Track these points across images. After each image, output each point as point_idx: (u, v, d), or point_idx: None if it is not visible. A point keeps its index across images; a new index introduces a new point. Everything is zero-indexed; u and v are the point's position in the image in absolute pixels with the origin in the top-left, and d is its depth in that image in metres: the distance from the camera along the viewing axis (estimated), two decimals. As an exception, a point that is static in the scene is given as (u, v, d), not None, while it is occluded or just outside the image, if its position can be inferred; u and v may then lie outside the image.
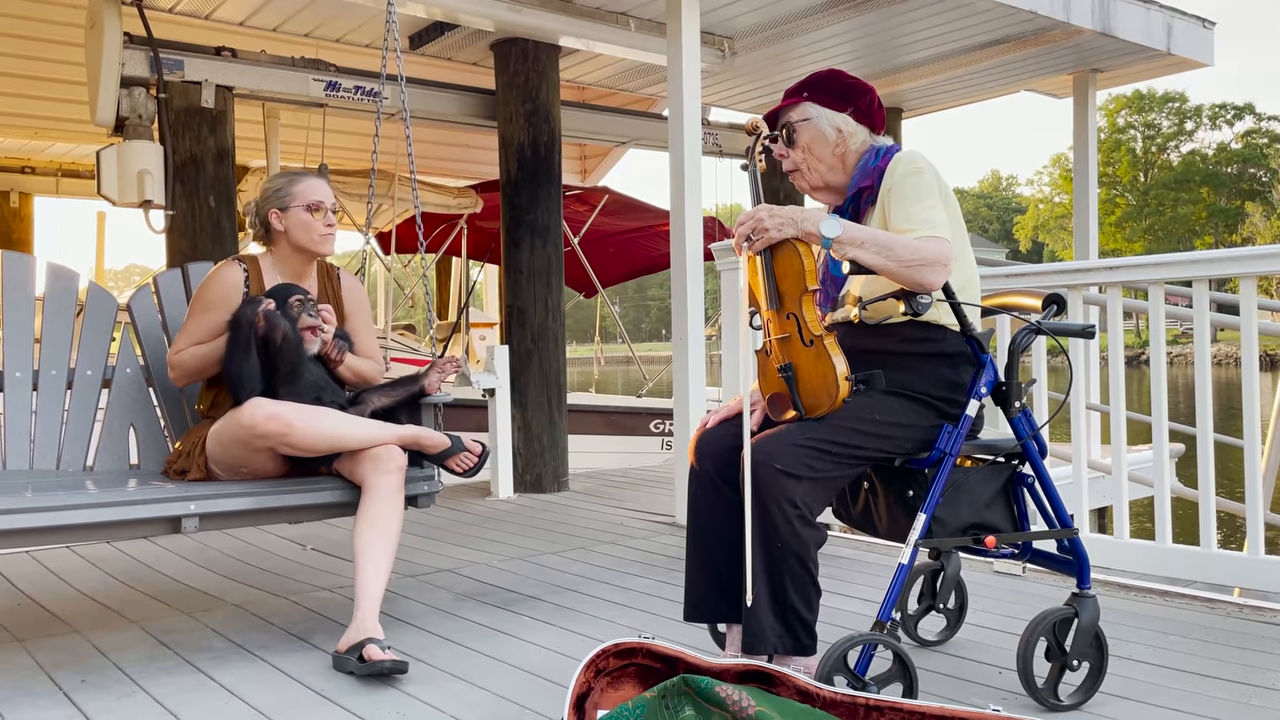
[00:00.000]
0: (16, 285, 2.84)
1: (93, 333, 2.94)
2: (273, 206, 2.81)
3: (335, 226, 2.84)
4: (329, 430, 2.56)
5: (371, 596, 2.44)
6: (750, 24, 5.71)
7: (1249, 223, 52.63)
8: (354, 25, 5.93)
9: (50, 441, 2.84)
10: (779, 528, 1.94)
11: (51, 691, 2.28)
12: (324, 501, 2.65)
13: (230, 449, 2.61)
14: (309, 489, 2.64)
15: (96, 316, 2.96)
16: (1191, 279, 3.09)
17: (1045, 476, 2.17)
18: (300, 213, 2.79)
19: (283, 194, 2.80)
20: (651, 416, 8.11)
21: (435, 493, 2.81)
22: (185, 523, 2.46)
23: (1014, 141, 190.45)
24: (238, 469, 2.66)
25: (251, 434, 2.53)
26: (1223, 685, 2.21)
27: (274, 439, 2.52)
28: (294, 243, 2.82)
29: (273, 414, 2.50)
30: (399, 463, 2.61)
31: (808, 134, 2.22)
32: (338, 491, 2.66)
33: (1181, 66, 6.39)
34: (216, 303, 2.75)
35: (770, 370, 2.08)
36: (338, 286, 2.97)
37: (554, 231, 5.58)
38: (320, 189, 2.82)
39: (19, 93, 6.44)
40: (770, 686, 1.79)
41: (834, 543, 3.83)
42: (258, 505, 2.56)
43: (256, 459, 2.62)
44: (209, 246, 4.94)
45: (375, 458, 2.59)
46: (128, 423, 2.94)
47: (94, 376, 2.93)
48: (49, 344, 2.86)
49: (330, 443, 2.57)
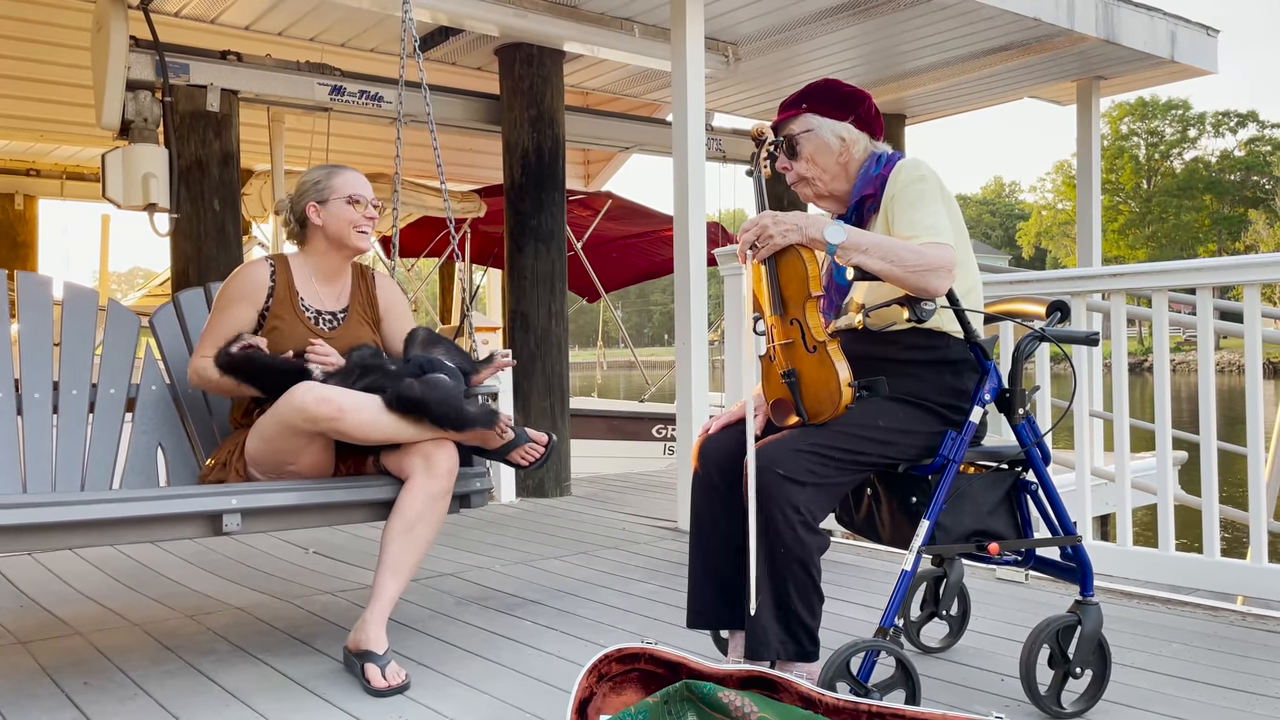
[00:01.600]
0: (34, 305, 2.73)
1: (114, 351, 2.81)
2: (311, 200, 2.66)
3: (375, 221, 2.72)
4: (384, 420, 2.37)
5: (384, 601, 2.38)
6: (754, 30, 5.72)
7: (1252, 230, 52.59)
8: (359, 30, 5.95)
9: (74, 464, 2.69)
10: (782, 533, 1.94)
11: (54, 694, 2.29)
12: (373, 499, 2.48)
13: (275, 442, 2.45)
14: (358, 486, 2.47)
15: (118, 334, 2.84)
16: (1195, 286, 3.09)
17: (1049, 483, 2.16)
18: (340, 204, 2.65)
19: (322, 186, 2.67)
20: (654, 421, 8.11)
21: (487, 490, 2.66)
22: (227, 519, 2.30)
23: (1017, 148, 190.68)
24: (281, 467, 2.50)
25: (301, 416, 2.35)
26: (1226, 694, 2.21)
27: (324, 423, 2.35)
28: (331, 237, 2.68)
29: (324, 397, 2.34)
30: (450, 465, 2.43)
31: (811, 144, 2.22)
32: (388, 489, 2.47)
33: (1185, 74, 6.40)
34: (240, 298, 2.62)
35: (774, 376, 2.08)
36: (372, 287, 2.83)
37: (557, 236, 5.59)
38: (361, 182, 2.70)
39: (25, 95, 6.46)
40: (773, 693, 1.79)
41: (836, 549, 3.83)
42: (303, 501, 2.41)
43: (304, 451, 2.46)
44: (213, 250, 4.95)
45: (428, 456, 2.42)
46: (155, 442, 2.80)
47: (117, 395, 2.79)
48: (68, 364, 2.73)
49: (383, 432, 2.38)
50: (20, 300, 2.70)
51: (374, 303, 2.81)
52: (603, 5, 5.25)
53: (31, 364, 2.69)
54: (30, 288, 2.74)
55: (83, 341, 2.77)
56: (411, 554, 2.40)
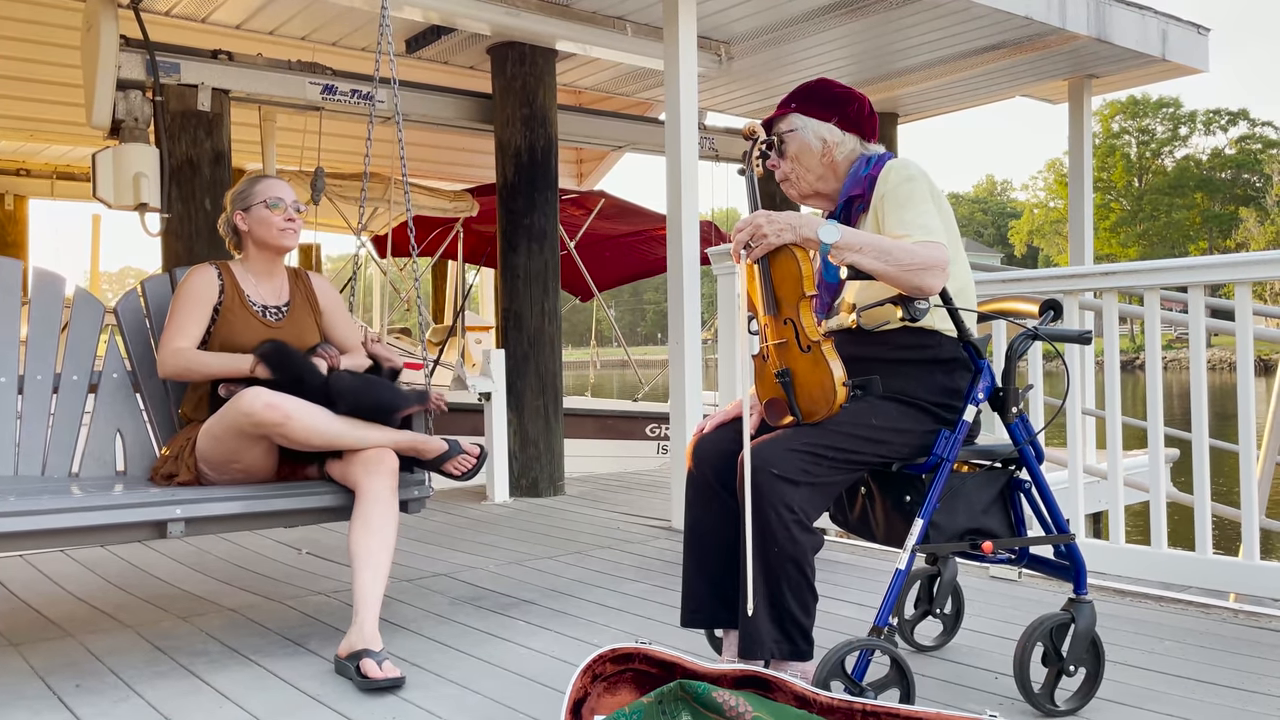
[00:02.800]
0: (2, 290, 2.81)
1: (79, 337, 2.91)
2: (237, 208, 2.89)
3: (296, 222, 2.90)
4: (326, 427, 2.54)
5: (370, 602, 2.43)
6: (747, 29, 5.72)
7: (1243, 228, 52.76)
8: (351, 29, 5.93)
9: (35, 447, 2.80)
10: (776, 533, 1.94)
11: (46, 696, 2.28)
12: (314, 506, 2.62)
13: (224, 441, 2.58)
14: (299, 493, 2.60)
15: (83, 321, 2.92)
16: (1187, 284, 3.10)
17: (1042, 482, 2.17)
18: (260, 209, 2.85)
19: (244, 194, 2.89)
20: (647, 421, 8.11)
21: (426, 497, 2.78)
22: (171, 527, 2.44)
23: (1009, 146, 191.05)
24: (228, 465, 2.63)
25: (249, 421, 2.49)
26: (1218, 690, 2.22)
27: (270, 428, 2.49)
28: (257, 240, 2.88)
29: (271, 403, 2.48)
30: (391, 466, 2.59)
31: (795, 144, 2.24)
32: (329, 496, 2.63)
33: (1177, 72, 6.42)
34: (198, 295, 2.80)
35: (768, 376, 2.08)
36: (309, 285, 3.03)
37: (550, 235, 5.58)
38: (279, 187, 2.89)
39: (15, 95, 6.42)
40: (767, 692, 1.79)
41: (830, 548, 3.83)
42: (246, 510, 2.53)
43: (250, 452, 2.60)
44: (204, 250, 4.93)
45: (367, 460, 2.57)
46: (114, 428, 2.91)
47: (80, 381, 2.89)
48: (34, 349, 2.83)
49: (325, 439, 2.55)
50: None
51: (313, 297, 3.01)
52: (595, 4, 5.25)
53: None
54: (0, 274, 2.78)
55: (49, 327, 2.84)
56: (384, 552, 2.50)
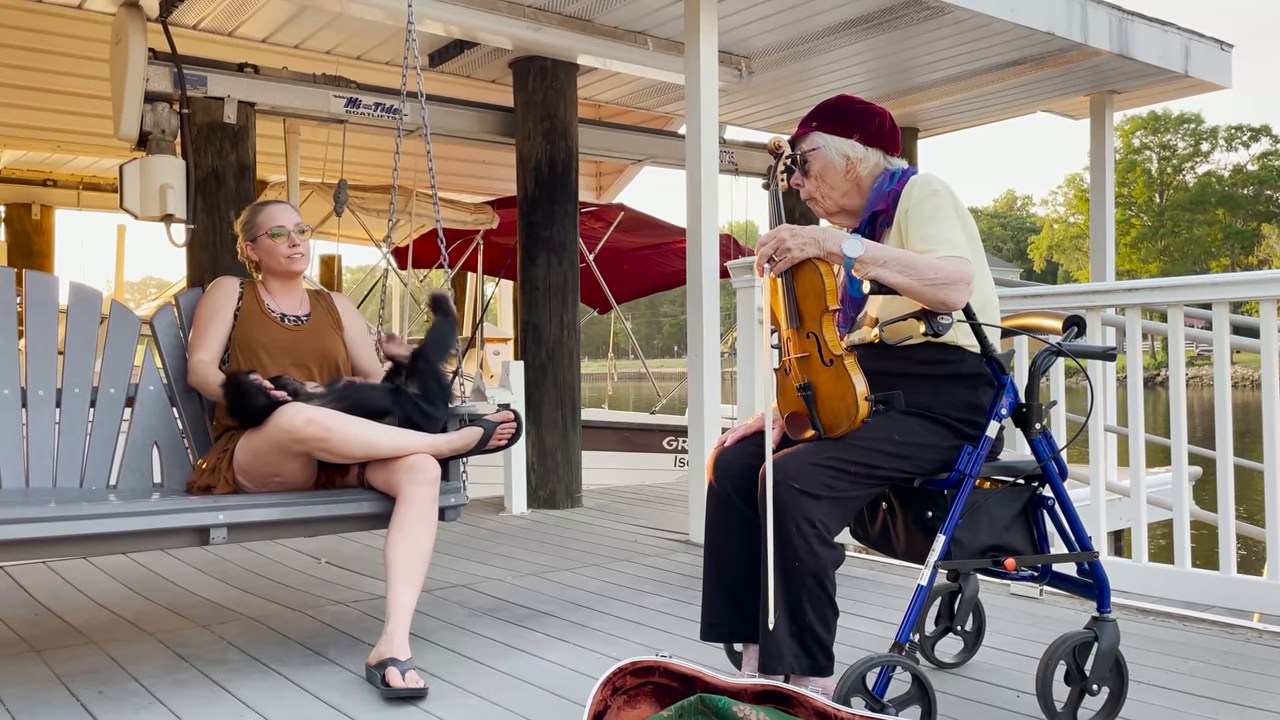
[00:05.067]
0: (40, 304, 2.83)
1: (116, 351, 2.93)
2: (245, 239, 2.95)
3: (301, 246, 2.93)
4: (365, 437, 2.55)
5: (402, 612, 2.43)
6: (767, 44, 5.74)
7: (1265, 244, 52.36)
8: (375, 43, 5.99)
9: (74, 460, 2.82)
10: (797, 547, 1.94)
11: (69, 703, 2.29)
12: (355, 513, 2.61)
13: (264, 457, 2.61)
14: (340, 500, 2.61)
15: (119, 335, 2.95)
16: (1211, 301, 3.08)
17: (1065, 499, 2.16)
18: (264, 240, 2.91)
19: (249, 225, 2.94)
20: (664, 434, 8.10)
21: (462, 505, 2.77)
22: (214, 533, 2.43)
23: (1029, 161, 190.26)
24: (268, 479, 2.66)
25: (290, 438, 2.51)
26: (1242, 711, 2.19)
27: (312, 444, 2.51)
28: (268, 269, 2.95)
29: (311, 419, 2.50)
30: (434, 474, 2.58)
31: (818, 163, 2.24)
32: (368, 503, 2.62)
33: (1199, 88, 6.39)
34: (219, 305, 2.86)
35: (789, 389, 2.08)
36: (330, 302, 3.08)
37: (570, 248, 5.60)
38: (281, 214, 2.93)
39: (43, 106, 6.52)
40: (788, 707, 1.79)
41: (850, 563, 3.81)
42: (287, 516, 2.53)
43: (290, 466, 2.62)
44: (229, 261, 4.97)
45: (410, 468, 2.56)
46: (151, 440, 2.92)
47: (117, 395, 2.91)
48: (72, 362, 2.84)
49: (366, 449, 2.56)
50: (28, 300, 2.77)
51: (334, 312, 3.06)
52: (616, 19, 5.28)
53: (37, 362, 2.81)
54: (37, 288, 2.82)
55: (86, 342, 2.88)
56: (418, 563, 2.50)
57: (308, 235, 2.97)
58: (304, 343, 2.91)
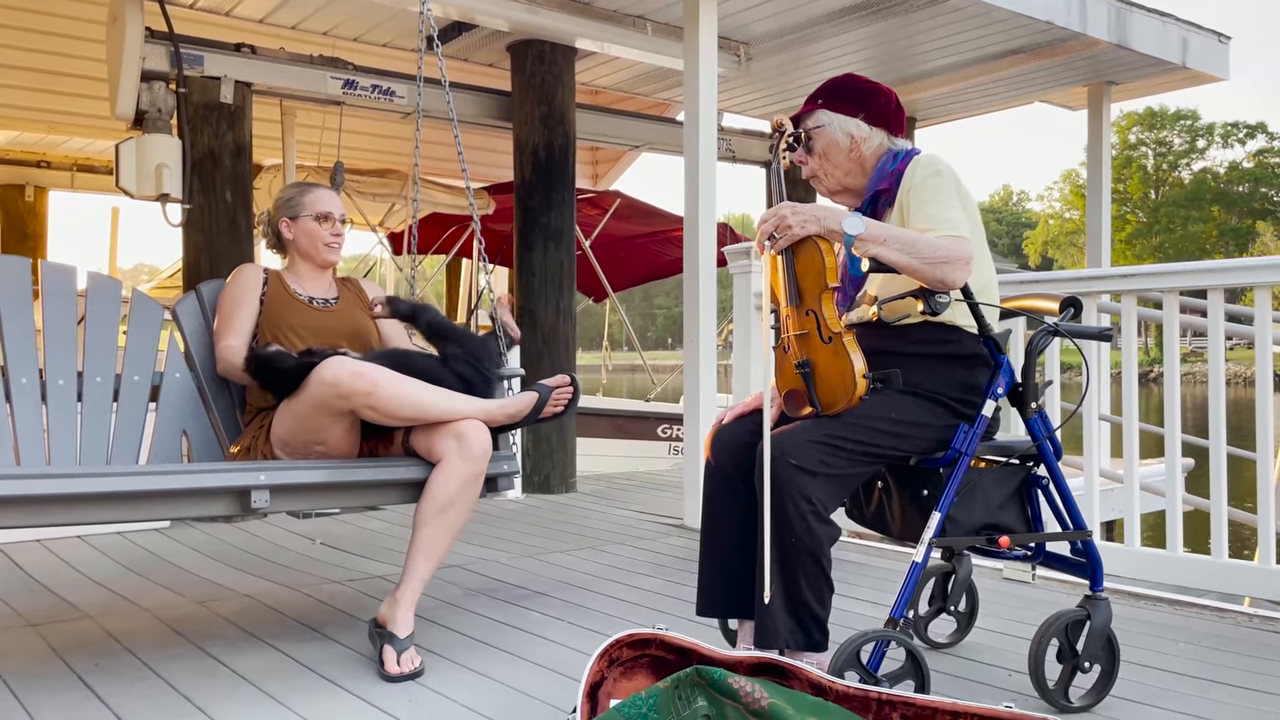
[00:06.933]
0: (57, 294, 2.74)
1: (138, 339, 2.84)
2: (283, 215, 2.88)
3: (342, 237, 2.89)
4: (416, 395, 2.38)
5: (415, 582, 2.37)
6: (766, 30, 5.73)
7: (1260, 242, 52.47)
8: (372, 25, 5.97)
9: (98, 450, 2.69)
10: (793, 524, 1.95)
11: (65, 674, 2.30)
12: (402, 479, 2.45)
13: (305, 420, 2.45)
14: (388, 465, 2.45)
15: (141, 324, 2.86)
16: (1206, 288, 3.09)
17: (1060, 478, 2.17)
18: (309, 222, 2.84)
19: (294, 204, 2.87)
20: (659, 421, 8.11)
21: (515, 474, 2.63)
22: (255, 495, 2.25)
23: (1024, 157, 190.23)
24: (310, 446, 2.50)
25: (335, 392, 2.34)
26: (1232, 692, 2.21)
27: (358, 399, 2.34)
28: (300, 251, 2.88)
29: (358, 371, 2.34)
30: (485, 447, 2.40)
31: (822, 140, 2.24)
32: (416, 469, 2.44)
33: (1197, 80, 6.40)
34: (243, 291, 2.78)
35: (788, 367, 2.09)
36: (358, 287, 3.00)
37: (566, 234, 5.60)
38: (329, 200, 2.87)
39: (37, 87, 6.48)
40: (783, 679, 1.80)
41: (843, 547, 3.83)
42: (331, 479, 2.37)
43: (334, 430, 2.45)
44: (224, 242, 4.96)
45: (461, 435, 2.39)
46: (179, 429, 2.81)
47: (141, 383, 2.80)
48: (93, 352, 2.75)
49: (414, 409, 2.38)
50: (44, 289, 2.72)
51: (363, 295, 2.98)
52: (615, 2, 5.27)
53: (55, 351, 2.70)
54: (54, 277, 2.76)
55: (106, 330, 2.79)
56: (445, 536, 2.40)
57: (346, 226, 2.92)
58: (334, 324, 2.80)
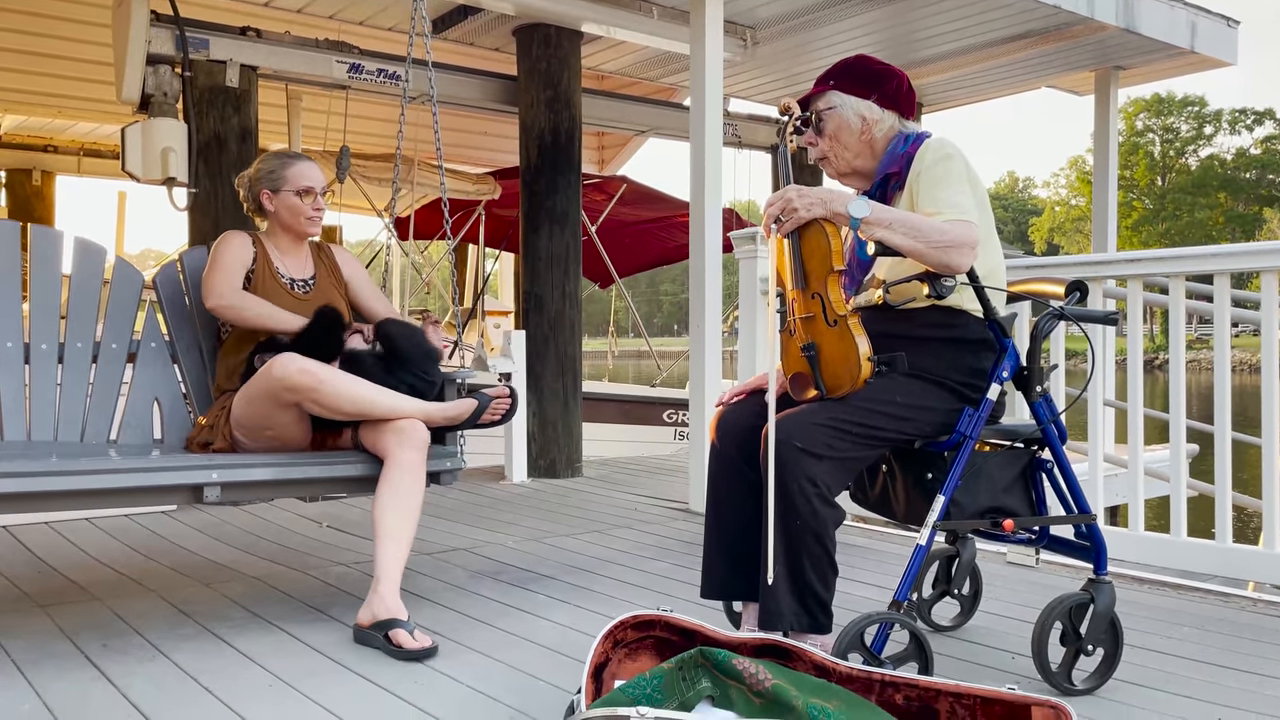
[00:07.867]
0: (43, 259, 2.85)
1: (118, 307, 2.95)
2: (264, 187, 2.89)
3: (323, 211, 2.93)
4: (357, 394, 2.55)
5: (391, 573, 2.44)
6: (772, 14, 5.71)
7: (1267, 228, 52.26)
8: (378, 9, 5.95)
9: (75, 414, 2.84)
10: (798, 506, 1.95)
11: (73, 654, 2.32)
12: (347, 475, 2.63)
13: (257, 406, 2.61)
14: (333, 462, 2.63)
15: (122, 291, 2.97)
16: (1213, 272, 3.08)
17: (1065, 462, 2.17)
18: (290, 196, 2.87)
19: (275, 176, 2.88)
20: (665, 406, 8.12)
21: (458, 470, 2.79)
22: (207, 491, 2.46)
23: (1030, 143, 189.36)
24: (261, 430, 2.66)
25: (281, 386, 2.52)
26: (1236, 675, 2.22)
27: (303, 393, 2.51)
28: (281, 223, 2.91)
29: (305, 369, 2.50)
30: (423, 438, 2.59)
31: (833, 122, 2.23)
32: (361, 465, 2.64)
33: (1204, 65, 6.36)
34: (237, 256, 2.82)
35: (793, 350, 2.09)
36: (332, 259, 3.05)
37: (573, 219, 5.60)
38: (311, 174, 2.89)
39: (44, 71, 6.49)
40: (787, 660, 1.81)
41: (847, 531, 3.84)
42: (280, 476, 2.56)
43: (281, 418, 2.61)
44: (230, 225, 4.93)
45: (400, 430, 2.57)
46: (152, 397, 2.95)
47: (119, 350, 2.93)
48: (75, 317, 2.87)
49: (356, 406, 2.55)
50: (31, 254, 2.78)
51: (336, 270, 3.03)
52: (621, -13, 5.25)
53: (40, 317, 2.83)
54: (41, 242, 2.83)
55: (89, 296, 2.87)
56: (407, 522, 2.51)
57: (327, 197, 2.96)
58: (312, 310, 2.85)
